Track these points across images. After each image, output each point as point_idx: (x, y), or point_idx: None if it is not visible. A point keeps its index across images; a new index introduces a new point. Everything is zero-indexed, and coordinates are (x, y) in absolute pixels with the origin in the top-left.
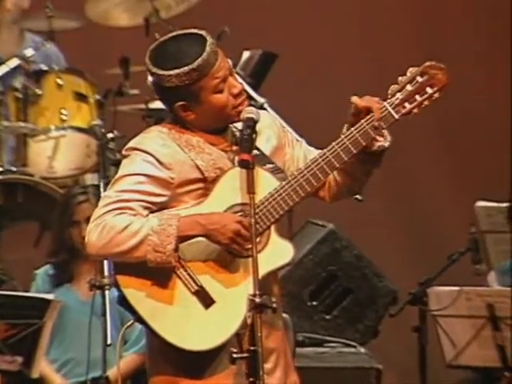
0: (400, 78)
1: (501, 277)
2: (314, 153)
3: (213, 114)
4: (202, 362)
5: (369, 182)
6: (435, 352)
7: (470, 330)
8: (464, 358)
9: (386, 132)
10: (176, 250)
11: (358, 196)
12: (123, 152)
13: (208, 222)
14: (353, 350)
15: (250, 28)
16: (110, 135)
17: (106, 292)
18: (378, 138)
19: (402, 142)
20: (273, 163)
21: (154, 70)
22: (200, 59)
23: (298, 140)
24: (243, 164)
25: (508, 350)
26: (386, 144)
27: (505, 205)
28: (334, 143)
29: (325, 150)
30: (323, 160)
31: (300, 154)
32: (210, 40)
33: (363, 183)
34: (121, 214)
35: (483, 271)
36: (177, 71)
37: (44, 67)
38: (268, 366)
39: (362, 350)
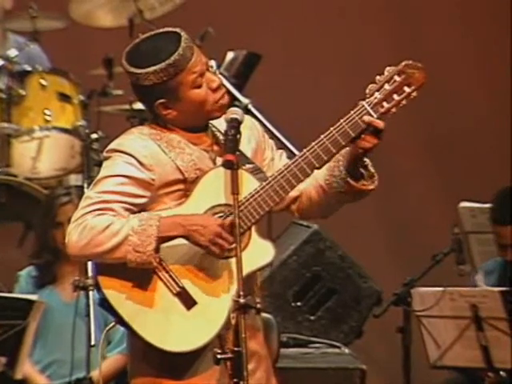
0: (378, 78)
1: (485, 277)
2: None
3: (193, 109)
4: (184, 362)
5: None
6: (419, 352)
7: (454, 331)
8: (448, 359)
9: (375, 175)
10: (156, 250)
11: None
12: (104, 154)
13: (188, 222)
14: (337, 350)
15: (234, 29)
16: (94, 136)
17: (90, 293)
18: (366, 180)
19: (387, 144)
20: (253, 163)
21: (131, 69)
22: (176, 54)
23: (277, 150)
24: (227, 165)
25: (492, 350)
26: (371, 187)
27: (488, 205)
28: (313, 143)
29: (305, 150)
30: (303, 160)
31: (279, 164)
32: (184, 36)
33: (333, 212)
34: (101, 214)
35: (467, 272)
36: (153, 68)
37: (28, 68)
38: (250, 366)
39: (347, 350)
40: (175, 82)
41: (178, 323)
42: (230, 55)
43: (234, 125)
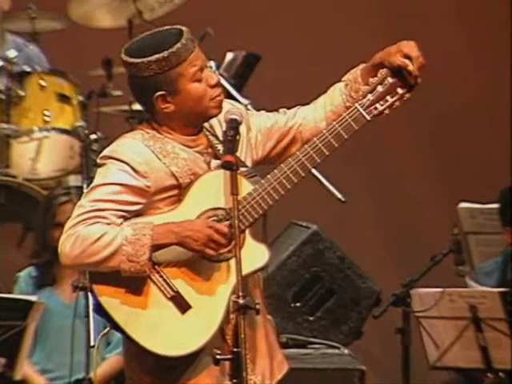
0: (371, 80)
1: (484, 277)
2: (273, 116)
3: (191, 104)
4: (178, 366)
5: (352, 183)
6: (418, 353)
7: (453, 332)
8: (447, 359)
9: None
10: (150, 259)
11: (341, 197)
12: (98, 160)
13: (181, 229)
14: (336, 351)
15: (234, 29)
16: (93, 136)
17: (89, 294)
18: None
19: (386, 144)
20: (246, 166)
21: (131, 60)
22: (179, 43)
23: (255, 114)
24: (227, 166)
25: (491, 351)
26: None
27: (487, 206)
28: (306, 145)
29: (298, 153)
30: (296, 163)
31: (260, 123)
32: (186, 30)
33: None
34: (94, 223)
35: (466, 272)
36: (156, 56)
37: (27, 68)
38: (251, 354)
39: (346, 351)
40: (176, 72)
41: (173, 327)
42: (229, 56)
43: (233, 126)
